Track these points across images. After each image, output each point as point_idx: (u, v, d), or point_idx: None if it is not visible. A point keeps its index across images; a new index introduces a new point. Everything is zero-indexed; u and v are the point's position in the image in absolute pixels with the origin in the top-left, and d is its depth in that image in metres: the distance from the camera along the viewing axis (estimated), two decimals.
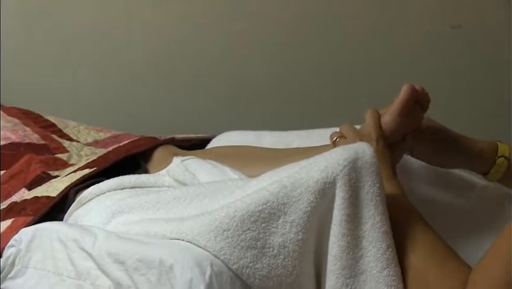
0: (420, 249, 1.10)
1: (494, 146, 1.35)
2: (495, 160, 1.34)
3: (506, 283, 0.98)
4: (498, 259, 1.00)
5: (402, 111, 1.28)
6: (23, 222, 1.46)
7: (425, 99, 1.31)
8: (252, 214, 1.11)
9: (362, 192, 1.09)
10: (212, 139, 1.81)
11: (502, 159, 1.33)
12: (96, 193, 1.48)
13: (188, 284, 1.13)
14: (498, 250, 1.01)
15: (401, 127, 1.29)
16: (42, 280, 1.32)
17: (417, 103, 1.30)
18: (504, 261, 0.99)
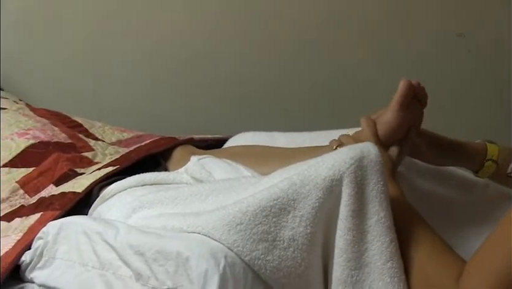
0: (419, 244, 1.10)
1: (483, 149, 1.35)
2: (484, 163, 1.34)
3: (498, 273, 0.98)
4: (491, 251, 1.00)
5: (402, 105, 1.28)
6: (51, 216, 1.46)
7: (422, 94, 1.31)
8: (263, 209, 1.11)
9: (367, 189, 1.09)
10: (228, 140, 1.81)
11: (490, 162, 1.34)
12: (118, 190, 1.48)
13: (203, 274, 1.13)
14: (491, 244, 1.01)
15: (403, 122, 1.29)
16: (68, 270, 1.33)
17: (415, 98, 1.30)
18: (497, 253, 0.99)
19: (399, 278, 1.06)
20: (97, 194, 1.52)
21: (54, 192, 1.61)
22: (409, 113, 1.29)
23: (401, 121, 1.28)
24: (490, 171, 1.35)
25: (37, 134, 1.86)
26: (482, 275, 1.00)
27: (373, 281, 1.07)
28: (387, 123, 1.28)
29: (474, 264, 1.02)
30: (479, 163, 1.35)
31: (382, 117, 1.28)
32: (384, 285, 1.06)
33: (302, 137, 1.66)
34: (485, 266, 1.00)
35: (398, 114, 1.28)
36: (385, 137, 1.28)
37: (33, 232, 1.42)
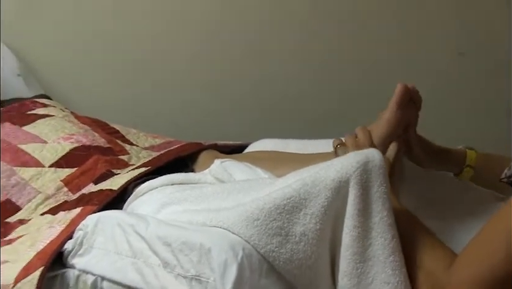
0: (416, 240, 1.09)
1: (463, 156, 1.36)
2: (463, 168, 1.35)
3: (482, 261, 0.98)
4: (480, 244, 1.00)
5: (399, 105, 1.27)
6: (90, 210, 1.47)
7: (417, 97, 1.31)
8: (278, 207, 1.11)
9: (371, 191, 1.08)
10: (248, 145, 1.81)
11: (468, 168, 1.35)
12: (149, 188, 1.49)
13: (223, 264, 1.13)
14: (479, 238, 1.01)
15: (400, 120, 1.28)
16: (104, 257, 1.33)
17: (411, 101, 1.30)
18: (485, 246, 0.99)
19: (400, 271, 1.06)
20: (131, 191, 1.52)
21: (93, 190, 1.62)
22: (405, 113, 1.29)
23: (399, 119, 1.28)
24: (468, 176, 1.36)
25: (80, 138, 1.86)
26: (469, 263, 1.00)
27: (376, 273, 1.06)
28: (386, 121, 1.28)
29: (464, 254, 1.02)
30: (459, 168, 1.35)
31: (382, 115, 1.28)
32: (386, 276, 1.06)
33: (314, 144, 1.66)
34: (473, 256, 1.01)
35: (396, 113, 1.27)
36: (385, 134, 1.27)
37: (74, 224, 1.43)
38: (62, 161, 1.77)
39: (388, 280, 1.05)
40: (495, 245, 0.97)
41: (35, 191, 1.69)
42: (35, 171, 1.73)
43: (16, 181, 1.71)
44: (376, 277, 1.06)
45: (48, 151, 1.79)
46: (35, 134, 1.85)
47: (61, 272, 1.39)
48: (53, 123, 1.92)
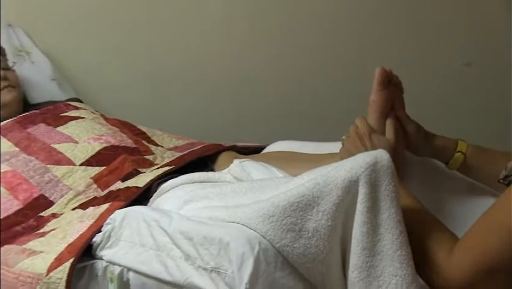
0: (422, 229, 1.10)
1: (455, 143, 1.35)
2: (454, 154, 1.33)
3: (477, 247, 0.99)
4: (477, 232, 1.00)
5: (380, 85, 1.28)
6: (117, 205, 1.48)
7: (396, 79, 1.31)
8: (292, 204, 1.11)
9: (380, 189, 1.08)
10: (266, 147, 1.81)
11: (459, 154, 1.33)
12: (172, 186, 1.49)
13: (240, 257, 1.14)
14: (477, 226, 1.01)
15: (385, 99, 1.29)
16: (130, 250, 1.34)
17: (391, 83, 1.30)
18: (481, 233, 1.00)
19: (407, 264, 1.06)
20: (156, 189, 1.53)
21: (120, 187, 1.63)
22: (388, 92, 1.29)
23: (383, 98, 1.28)
24: (458, 162, 1.34)
25: (108, 139, 1.87)
26: (466, 249, 1.01)
27: (385, 266, 1.06)
28: (372, 102, 1.28)
29: (462, 241, 1.03)
30: (450, 153, 1.34)
31: (370, 98, 1.29)
32: (394, 269, 1.05)
33: (327, 146, 1.66)
34: (470, 243, 1.01)
35: (379, 92, 1.28)
36: (376, 114, 1.28)
37: (103, 219, 1.44)
38: (92, 160, 1.78)
39: (396, 272, 1.05)
40: (491, 233, 0.97)
41: (67, 188, 1.70)
42: (67, 169, 1.74)
43: (50, 178, 1.72)
44: (384, 270, 1.06)
45: (79, 151, 1.80)
46: (68, 134, 1.86)
47: (90, 263, 1.40)
48: (84, 125, 1.92)
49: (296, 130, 2.50)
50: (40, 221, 1.61)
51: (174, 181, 1.50)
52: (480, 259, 0.98)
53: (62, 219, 1.58)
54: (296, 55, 2.57)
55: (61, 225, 1.54)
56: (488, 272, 0.97)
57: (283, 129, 2.46)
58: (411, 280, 1.06)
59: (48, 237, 1.50)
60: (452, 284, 1.02)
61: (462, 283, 1.00)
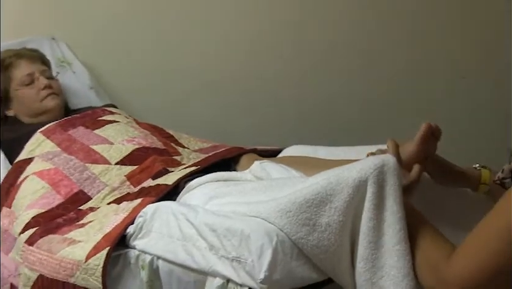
0: (422, 234, 1.09)
1: (479, 174, 1.33)
2: (478, 186, 1.32)
3: (477, 254, 0.97)
4: (476, 238, 0.99)
5: (422, 140, 1.26)
6: (149, 200, 1.49)
7: (438, 132, 1.30)
8: (307, 201, 1.12)
9: (386, 189, 1.08)
10: (283, 150, 1.82)
11: (483, 185, 1.32)
12: (198, 184, 1.50)
13: (260, 248, 1.15)
14: (475, 232, 0.99)
15: (422, 152, 1.27)
16: (159, 240, 1.35)
17: (433, 135, 1.29)
18: (480, 238, 0.98)
19: (404, 258, 1.06)
20: (183, 186, 1.54)
21: (151, 184, 1.64)
22: (426, 147, 1.28)
23: (420, 152, 1.27)
24: (482, 191, 1.33)
25: (140, 141, 1.87)
26: (465, 255, 0.99)
27: (387, 258, 1.06)
28: (409, 152, 1.27)
29: (461, 247, 1.01)
30: (475, 184, 1.33)
31: (407, 146, 1.27)
32: (394, 262, 1.06)
33: (338, 150, 1.66)
34: (469, 248, 0.99)
35: (419, 147, 1.26)
36: (406, 160, 1.25)
37: (135, 212, 1.45)
38: (125, 159, 1.78)
39: (394, 265, 1.05)
40: (489, 237, 0.95)
41: (103, 184, 1.71)
42: (104, 167, 1.75)
43: (88, 175, 1.73)
44: (385, 262, 1.06)
45: (114, 151, 1.80)
46: (104, 137, 1.87)
47: (124, 251, 1.41)
48: (119, 128, 1.93)
49: (310, 133, 2.49)
50: (80, 213, 1.62)
51: (199, 179, 1.51)
52: (477, 259, 0.96)
53: (99, 212, 1.59)
54: (311, 61, 2.54)
55: (98, 218, 1.55)
56: (491, 276, 0.95)
57: (298, 133, 2.44)
58: (406, 272, 1.06)
59: (86, 228, 1.52)
60: (452, 286, 0.99)
61: (464, 285, 0.98)
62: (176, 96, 2.47)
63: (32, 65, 2.06)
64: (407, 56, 2.53)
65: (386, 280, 1.06)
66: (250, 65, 2.51)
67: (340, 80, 2.56)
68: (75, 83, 2.28)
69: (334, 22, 2.52)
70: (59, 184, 1.71)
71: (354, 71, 2.55)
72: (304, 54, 2.52)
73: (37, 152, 1.82)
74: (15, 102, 2.04)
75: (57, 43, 2.35)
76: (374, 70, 2.55)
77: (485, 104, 2.56)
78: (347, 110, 2.55)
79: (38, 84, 2.03)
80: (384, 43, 2.53)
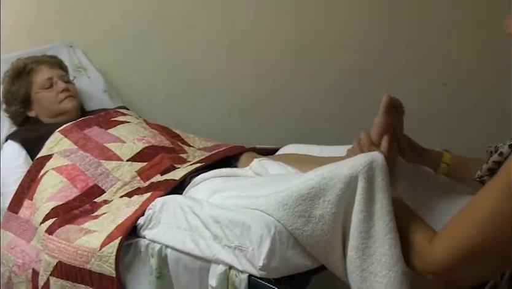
0: (407, 222, 1.08)
1: (441, 154, 1.33)
2: (439, 164, 1.32)
3: (458, 237, 0.96)
4: (459, 221, 0.98)
5: (385, 110, 1.25)
6: (157, 194, 1.49)
7: (399, 104, 1.28)
8: (302, 195, 1.11)
9: (375, 184, 1.07)
10: (280, 149, 1.82)
11: (444, 165, 1.32)
12: (203, 179, 1.50)
13: (259, 238, 1.15)
14: (456, 217, 0.99)
15: (388, 122, 1.25)
16: (167, 231, 1.35)
17: (395, 108, 1.27)
18: (462, 222, 0.97)
19: (394, 246, 1.05)
20: (189, 181, 1.54)
21: (160, 179, 1.64)
22: (391, 116, 1.26)
23: (387, 121, 1.25)
24: (443, 170, 1.33)
25: (150, 140, 1.87)
26: (445, 238, 0.99)
27: (377, 247, 1.06)
28: (377, 123, 1.25)
29: (442, 231, 1.01)
30: (437, 163, 1.33)
31: (375, 119, 1.26)
32: (383, 250, 1.05)
33: (331, 149, 1.65)
34: (449, 232, 0.99)
35: (384, 116, 1.25)
36: (378, 132, 1.24)
37: (145, 205, 1.45)
38: (136, 157, 1.78)
39: (385, 252, 1.05)
40: (471, 223, 0.95)
41: (116, 179, 1.71)
42: (116, 164, 1.75)
43: (102, 171, 1.73)
44: (376, 250, 1.06)
45: (126, 149, 1.81)
46: (117, 136, 1.87)
47: (135, 241, 1.42)
48: (130, 128, 1.93)
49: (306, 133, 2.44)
50: (94, 206, 1.63)
51: (204, 175, 1.51)
52: (460, 245, 0.95)
53: (112, 205, 1.60)
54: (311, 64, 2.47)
55: (111, 210, 1.56)
56: (468, 258, 0.95)
57: (295, 133, 2.40)
58: (397, 259, 1.05)
59: (100, 219, 1.52)
60: (432, 268, 1.00)
61: (441, 267, 0.98)
62: (182, 100, 2.46)
63: (51, 70, 2.06)
64: (407, 56, 2.45)
65: (377, 267, 1.05)
66: (253, 75, 2.48)
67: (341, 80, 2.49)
68: (90, 87, 2.28)
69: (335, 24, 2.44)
70: (75, 178, 1.71)
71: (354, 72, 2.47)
72: (304, 57, 2.46)
73: (55, 149, 1.82)
74: (36, 104, 2.04)
75: (74, 51, 2.35)
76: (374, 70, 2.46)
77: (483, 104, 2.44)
78: (346, 110, 2.47)
79: (57, 88, 2.03)
80: (383, 43, 2.44)
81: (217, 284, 1.22)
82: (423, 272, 1.03)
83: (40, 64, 2.06)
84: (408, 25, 2.42)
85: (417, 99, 2.32)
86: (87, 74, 2.32)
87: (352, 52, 2.44)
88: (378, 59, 2.44)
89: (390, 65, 2.44)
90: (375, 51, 2.43)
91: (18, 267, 1.60)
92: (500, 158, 1.01)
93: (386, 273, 1.04)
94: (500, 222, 0.92)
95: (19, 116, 2.05)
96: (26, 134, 1.95)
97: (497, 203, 0.92)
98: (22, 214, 1.70)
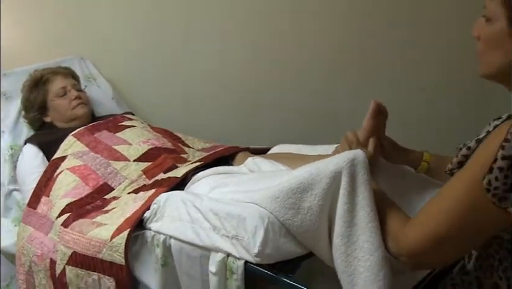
0: (386, 211, 1.08)
1: (421, 154, 1.33)
2: (420, 163, 1.32)
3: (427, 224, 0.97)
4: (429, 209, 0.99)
5: (372, 115, 1.25)
6: (161, 190, 1.49)
7: (385, 110, 1.28)
8: (292, 189, 1.11)
9: (357, 178, 1.07)
10: (272, 148, 1.81)
11: (424, 163, 1.31)
12: (203, 176, 1.50)
13: (254, 228, 1.15)
14: (429, 205, 0.99)
15: (374, 126, 1.25)
16: (171, 223, 1.35)
17: (381, 113, 1.27)
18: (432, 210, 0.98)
19: (375, 233, 1.05)
20: (190, 178, 1.53)
21: (163, 177, 1.63)
22: (377, 121, 1.26)
23: (373, 125, 1.25)
24: (423, 169, 1.33)
25: (154, 142, 1.86)
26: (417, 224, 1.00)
27: (360, 235, 1.06)
28: (364, 127, 1.26)
29: (415, 218, 1.01)
30: (418, 163, 1.33)
31: (363, 123, 1.26)
32: (365, 237, 1.05)
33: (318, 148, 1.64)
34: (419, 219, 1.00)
35: (370, 121, 1.25)
36: (365, 134, 1.24)
37: (151, 200, 1.44)
38: (142, 157, 1.77)
39: (367, 239, 1.05)
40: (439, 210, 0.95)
41: (124, 177, 1.70)
42: (124, 164, 1.74)
43: (111, 170, 1.72)
44: (359, 237, 1.06)
45: (133, 150, 1.80)
46: (124, 138, 1.86)
47: (142, 232, 1.41)
48: (136, 131, 1.92)
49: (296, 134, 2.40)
50: (105, 202, 1.62)
51: (203, 172, 1.51)
52: (429, 231, 0.96)
53: (121, 201, 1.59)
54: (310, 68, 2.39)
55: (119, 205, 1.55)
56: (436, 242, 0.95)
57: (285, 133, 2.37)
58: (378, 245, 1.05)
59: (110, 213, 1.51)
60: (405, 251, 1.00)
61: (413, 250, 0.98)
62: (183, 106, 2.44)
63: (65, 80, 2.05)
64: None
65: (360, 252, 1.05)
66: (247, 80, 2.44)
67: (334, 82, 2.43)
68: (100, 95, 2.26)
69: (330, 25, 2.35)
70: (87, 177, 1.70)
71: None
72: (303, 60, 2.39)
73: (69, 151, 1.81)
74: (52, 110, 2.02)
75: (85, 63, 2.34)
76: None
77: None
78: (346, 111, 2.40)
79: (70, 95, 2.02)
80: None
81: (216, 270, 1.22)
82: (397, 255, 1.03)
83: (55, 74, 2.05)
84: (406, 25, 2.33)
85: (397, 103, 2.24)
86: (97, 83, 2.31)
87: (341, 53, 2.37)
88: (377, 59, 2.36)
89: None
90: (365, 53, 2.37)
91: (38, 257, 1.58)
92: (468, 152, 1.01)
93: (368, 257, 1.04)
94: (465, 211, 0.92)
95: (37, 122, 2.04)
96: (42, 138, 1.93)
97: (463, 193, 0.93)
98: (40, 209, 1.69)
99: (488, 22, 0.96)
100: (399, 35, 2.34)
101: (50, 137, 1.92)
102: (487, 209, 0.90)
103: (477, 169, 0.91)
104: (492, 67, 0.97)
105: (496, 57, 0.96)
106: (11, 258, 1.75)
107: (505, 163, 0.87)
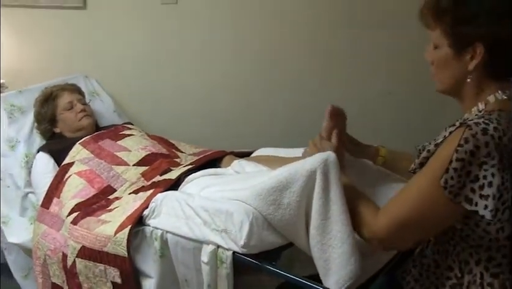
0: (357, 202, 1.08)
1: (378, 149, 1.31)
2: (377, 157, 1.31)
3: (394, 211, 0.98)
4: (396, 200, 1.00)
5: (330, 116, 1.22)
6: (158, 191, 1.46)
7: (342, 112, 1.26)
8: (273, 187, 1.10)
9: (330, 176, 1.06)
10: (254, 152, 1.79)
11: (380, 157, 1.31)
12: (194, 177, 1.48)
13: (240, 222, 1.13)
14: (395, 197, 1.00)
15: (333, 125, 1.22)
16: (167, 220, 1.32)
17: (338, 113, 1.24)
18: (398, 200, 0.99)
19: (347, 224, 1.04)
20: (183, 180, 1.51)
21: (159, 179, 1.61)
22: (335, 121, 1.23)
23: (332, 125, 1.22)
24: (380, 162, 1.31)
25: (150, 148, 1.84)
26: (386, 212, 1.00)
27: (333, 226, 1.05)
28: (324, 127, 1.23)
29: (384, 207, 1.02)
30: (375, 157, 1.32)
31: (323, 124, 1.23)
32: (338, 228, 1.04)
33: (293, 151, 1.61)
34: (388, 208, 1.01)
35: (329, 121, 1.23)
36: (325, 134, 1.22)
37: (149, 199, 1.42)
38: (140, 162, 1.75)
39: (340, 229, 1.04)
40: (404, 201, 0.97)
41: (125, 180, 1.67)
42: (125, 168, 1.71)
43: (114, 174, 1.69)
44: (332, 228, 1.05)
45: (132, 156, 1.77)
46: (125, 146, 1.83)
47: (141, 228, 1.38)
48: (135, 139, 1.89)
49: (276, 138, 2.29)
50: (108, 201, 1.59)
51: (195, 174, 1.49)
52: (395, 217, 0.97)
53: (122, 200, 1.56)
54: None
55: (121, 204, 1.52)
56: (403, 228, 0.97)
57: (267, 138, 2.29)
58: (349, 234, 1.05)
59: (113, 212, 1.49)
60: (376, 236, 1.01)
61: (383, 235, 0.99)
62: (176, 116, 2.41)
63: (72, 95, 2.02)
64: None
65: (334, 241, 1.04)
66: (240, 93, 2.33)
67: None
68: (103, 108, 2.23)
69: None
70: (93, 180, 1.67)
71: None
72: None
73: (77, 157, 1.78)
74: (60, 122, 1.99)
75: (89, 80, 2.31)
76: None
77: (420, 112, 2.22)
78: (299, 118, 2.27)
79: (76, 109, 1.99)
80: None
81: (208, 260, 1.20)
82: (370, 240, 1.04)
83: (63, 90, 2.02)
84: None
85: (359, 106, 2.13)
86: (100, 98, 2.28)
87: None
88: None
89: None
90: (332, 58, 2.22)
91: (51, 251, 1.55)
92: (427, 154, 1.02)
93: (341, 245, 1.04)
94: (425, 203, 0.95)
95: (48, 132, 2.00)
96: (53, 147, 1.90)
97: (424, 189, 0.95)
98: (52, 209, 1.65)
99: (435, 49, 1.02)
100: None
101: (60, 145, 1.88)
102: (444, 203, 0.93)
103: (436, 169, 0.93)
104: (444, 84, 1.03)
105: (445, 76, 1.02)
106: (29, 252, 1.73)
107: (459, 164, 0.90)
